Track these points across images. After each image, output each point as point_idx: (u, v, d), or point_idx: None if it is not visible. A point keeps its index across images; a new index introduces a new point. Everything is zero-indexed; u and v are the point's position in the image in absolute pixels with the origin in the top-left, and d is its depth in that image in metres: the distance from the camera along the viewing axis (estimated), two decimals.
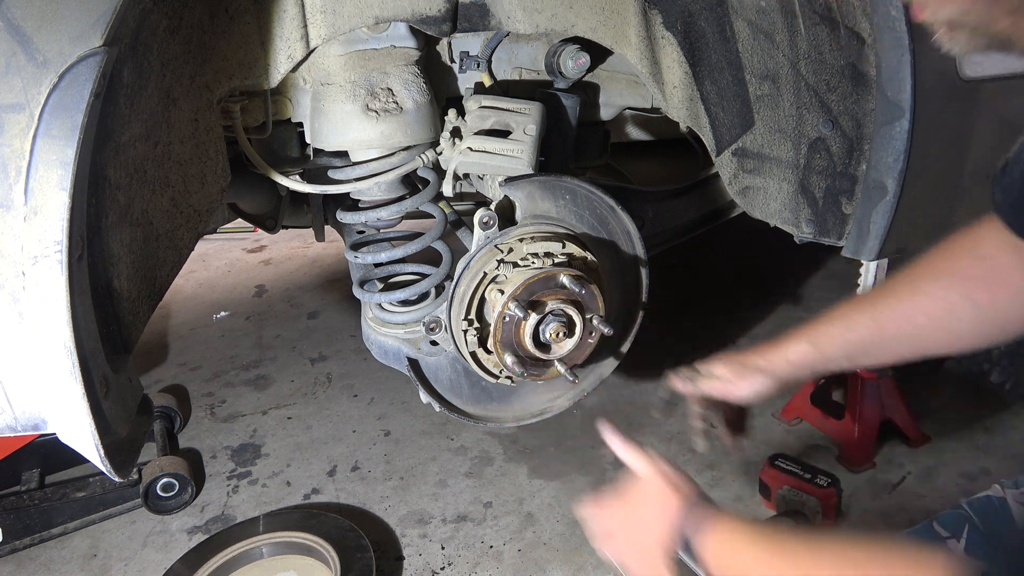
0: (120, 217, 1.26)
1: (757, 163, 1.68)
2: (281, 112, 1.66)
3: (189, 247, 1.47)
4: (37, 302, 1.03)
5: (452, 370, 1.71)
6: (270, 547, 2.06)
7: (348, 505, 2.28)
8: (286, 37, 1.45)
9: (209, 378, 3.04)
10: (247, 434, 2.66)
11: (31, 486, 2.23)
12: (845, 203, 1.54)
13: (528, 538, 2.12)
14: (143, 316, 1.36)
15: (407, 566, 2.05)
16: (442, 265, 1.74)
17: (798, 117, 1.54)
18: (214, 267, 4.19)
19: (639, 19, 1.62)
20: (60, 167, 1.01)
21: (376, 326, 1.77)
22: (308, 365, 3.10)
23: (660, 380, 1.36)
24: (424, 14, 1.49)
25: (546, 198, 1.60)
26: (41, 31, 1.01)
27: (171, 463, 2.28)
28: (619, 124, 2.07)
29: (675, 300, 3.46)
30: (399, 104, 1.59)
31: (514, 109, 1.64)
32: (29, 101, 1.00)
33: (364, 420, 2.70)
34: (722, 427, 1.31)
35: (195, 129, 1.42)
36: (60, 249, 1.02)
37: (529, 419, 1.81)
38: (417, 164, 1.68)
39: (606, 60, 1.84)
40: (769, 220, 1.74)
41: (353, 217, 1.73)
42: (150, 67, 1.26)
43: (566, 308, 1.50)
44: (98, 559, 2.12)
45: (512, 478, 2.37)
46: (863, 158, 1.47)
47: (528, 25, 1.56)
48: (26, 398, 1.09)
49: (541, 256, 1.52)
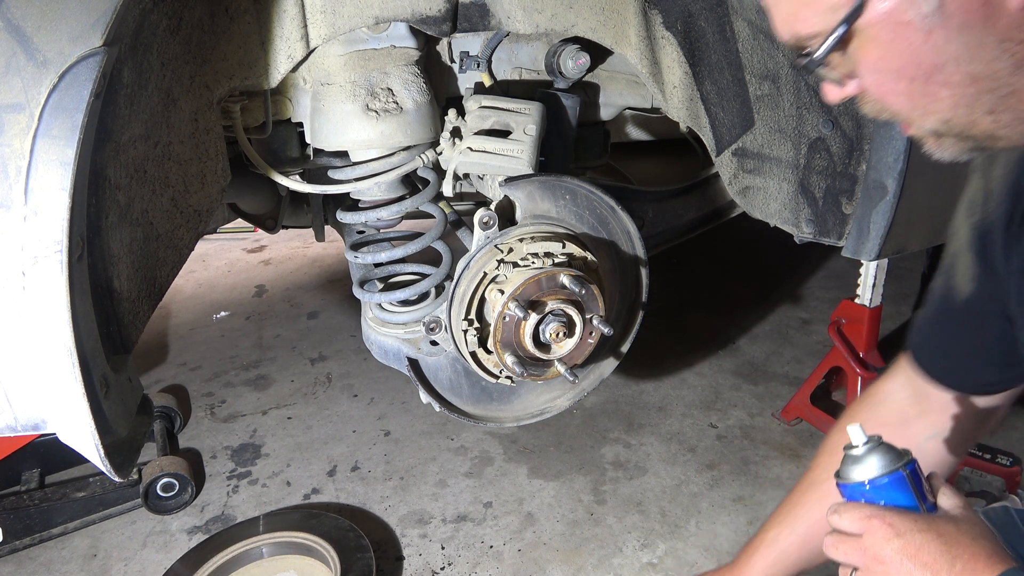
0: (120, 217, 1.26)
1: (757, 163, 1.68)
2: (281, 112, 1.66)
3: (189, 247, 1.47)
4: (37, 302, 1.03)
5: (452, 370, 1.71)
6: (270, 547, 2.06)
7: (348, 505, 2.28)
8: (286, 37, 1.45)
9: (209, 378, 3.04)
10: (247, 434, 2.66)
11: (31, 486, 2.23)
12: (845, 203, 1.54)
13: (528, 538, 2.12)
14: (143, 316, 1.36)
15: (407, 566, 2.05)
16: (442, 265, 1.74)
17: (798, 117, 1.54)
18: (214, 267, 4.19)
19: (639, 19, 1.62)
20: (60, 167, 1.01)
21: (376, 326, 1.77)
22: (308, 365, 3.11)
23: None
24: (424, 14, 1.49)
25: (546, 198, 1.60)
26: (41, 31, 1.00)
27: (171, 463, 2.28)
28: (619, 124, 2.07)
29: (675, 300, 3.46)
30: (399, 104, 1.59)
31: (514, 109, 1.64)
32: (29, 101, 1.00)
33: (364, 420, 2.70)
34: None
35: (195, 129, 1.42)
36: (60, 249, 1.02)
37: (529, 419, 1.81)
38: (417, 164, 1.67)
39: (606, 60, 1.83)
40: (769, 220, 1.74)
41: (353, 217, 1.73)
42: (150, 67, 1.25)
43: (566, 308, 1.50)
44: (98, 559, 2.12)
45: (512, 478, 2.37)
46: (863, 158, 1.47)
47: (528, 25, 1.56)
48: (26, 398, 1.09)
49: (541, 256, 1.52)
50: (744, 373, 2.90)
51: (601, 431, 2.58)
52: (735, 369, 2.93)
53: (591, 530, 2.14)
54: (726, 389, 2.80)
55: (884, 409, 1.21)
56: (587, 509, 2.22)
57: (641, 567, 2.01)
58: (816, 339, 3.12)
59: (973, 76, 0.71)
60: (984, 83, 0.71)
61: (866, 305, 2.47)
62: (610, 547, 2.08)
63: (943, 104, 0.73)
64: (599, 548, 2.08)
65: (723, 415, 2.65)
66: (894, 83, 0.74)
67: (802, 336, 3.18)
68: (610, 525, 2.16)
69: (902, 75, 0.73)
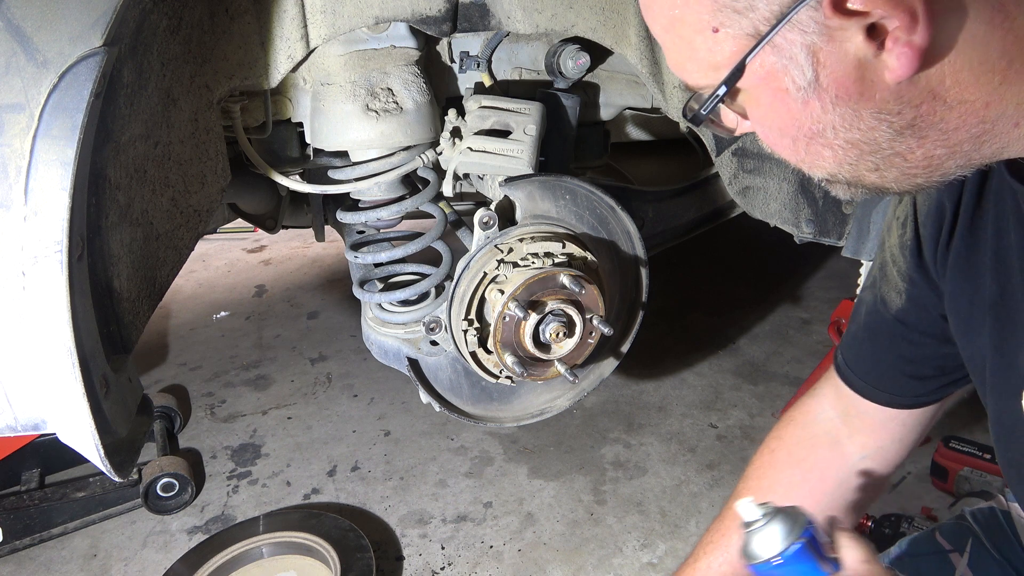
0: (120, 217, 1.26)
1: (757, 163, 1.68)
2: (281, 112, 1.66)
3: (189, 247, 1.47)
4: (37, 302, 1.03)
5: (452, 370, 1.71)
6: (270, 547, 2.06)
7: (348, 505, 2.28)
8: (286, 37, 1.45)
9: (209, 378, 3.04)
10: (247, 434, 2.66)
11: (31, 486, 2.23)
12: (845, 203, 1.54)
13: (528, 538, 2.12)
14: (143, 316, 1.36)
15: (407, 566, 2.05)
16: (442, 265, 1.74)
17: None
18: (214, 267, 4.19)
19: (639, 19, 1.61)
20: (60, 167, 1.01)
21: (376, 326, 1.77)
22: (308, 365, 3.10)
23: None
24: (424, 14, 1.49)
25: (546, 198, 1.60)
26: (41, 31, 1.01)
27: (171, 463, 2.28)
28: (619, 124, 2.07)
29: (675, 300, 3.46)
30: (399, 104, 1.59)
31: (514, 109, 1.64)
32: (29, 101, 1.00)
33: (364, 420, 2.70)
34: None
35: (195, 129, 1.42)
36: (60, 249, 1.02)
37: (529, 419, 1.81)
38: (417, 164, 1.68)
39: (606, 60, 1.83)
40: (769, 220, 1.74)
41: (353, 217, 1.73)
42: (150, 67, 1.25)
43: (566, 308, 1.50)
44: (98, 559, 2.12)
45: (512, 478, 2.37)
46: None
47: (528, 25, 1.56)
48: (26, 398, 1.09)
49: (541, 256, 1.52)
50: (744, 373, 2.90)
51: (601, 431, 2.58)
52: (735, 369, 2.93)
53: (591, 530, 2.14)
54: (726, 389, 2.80)
55: (814, 429, 1.18)
56: (587, 509, 2.22)
57: (641, 567, 2.01)
58: (816, 339, 3.12)
59: (852, 142, 0.71)
60: (864, 147, 0.71)
61: None
62: (610, 547, 2.08)
63: (827, 162, 0.74)
64: (599, 548, 2.08)
65: (723, 415, 2.65)
66: (778, 139, 0.75)
67: (802, 336, 3.18)
68: (610, 525, 2.16)
69: (784, 133, 0.73)
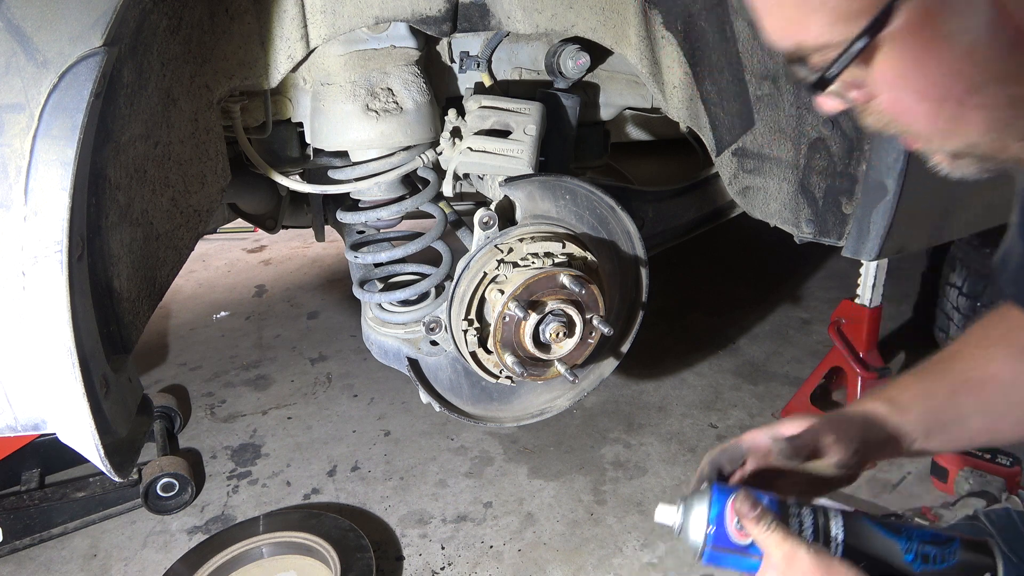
0: (120, 217, 1.26)
1: (757, 163, 1.68)
2: (281, 112, 1.66)
3: (189, 247, 1.47)
4: (37, 302, 1.03)
5: (452, 370, 1.71)
6: (270, 547, 2.06)
7: (348, 505, 2.28)
8: (286, 37, 1.45)
9: (209, 378, 3.04)
10: (247, 434, 2.66)
11: (31, 486, 2.23)
12: (845, 203, 1.54)
13: (528, 538, 2.12)
14: (143, 316, 1.36)
15: (407, 566, 2.05)
16: (442, 265, 1.74)
17: (798, 117, 1.54)
18: (214, 267, 4.19)
19: (639, 19, 1.61)
20: (60, 167, 1.01)
21: (376, 326, 1.77)
22: (308, 365, 3.11)
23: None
24: (424, 14, 1.49)
25: (546, 198, 1.60)
26: (41, 31, 1.01)
27: (171, 463, 2.28)
28: (619, 124, 2.06)
29: (675, 300, 3.46)
30: (399, 104, 1.59)
31: (514, 109, 1.64)
32: (29, 101, 1.00)
33: (364, 420, 2.71)
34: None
35: (195, 129, 1.42)
36: (60, 249, 1.02)
37: (529, 419, 1.81)
38: (417, 164, 1.67)
39: (606, 60, 1.83)
40: (769, 220, 1.74)
41: (353, 217, 1.73)
42: (150, 67, 1.25)
43: (566, 308, 1.50)
44: (98, 559, 2.12)
45: (512, 478, 2.37)
46: (863, 158, 1.47)
47: (528, 25, 1.56)
48: (26, 398, 1.09)
49: (541, 256, 1.52)
50: (744, 373, 2.90)
51: (601, 431, 2.58)
52: (735, 369, 2.93)
53: (591, 530, 2.14)
54: (726, 389, 2.80)
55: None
56: (587, 509, 2.22)
57: (641, 567, 2.01)
58: (816, 339, 3.12)
59: (1015, 99, 0.61)
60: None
61: (866, 305, 2.47)
62: (610, 547, 2.08)
63: (972, 128, 0.64)
64: (599, 548, 2.08)
65: (723, 415, 2.65)
66: (916, 104, 0.64)
67: (802, 336, 3.18)
68: (610, 525, 2.16)
69: (927, 96, 0.62)
